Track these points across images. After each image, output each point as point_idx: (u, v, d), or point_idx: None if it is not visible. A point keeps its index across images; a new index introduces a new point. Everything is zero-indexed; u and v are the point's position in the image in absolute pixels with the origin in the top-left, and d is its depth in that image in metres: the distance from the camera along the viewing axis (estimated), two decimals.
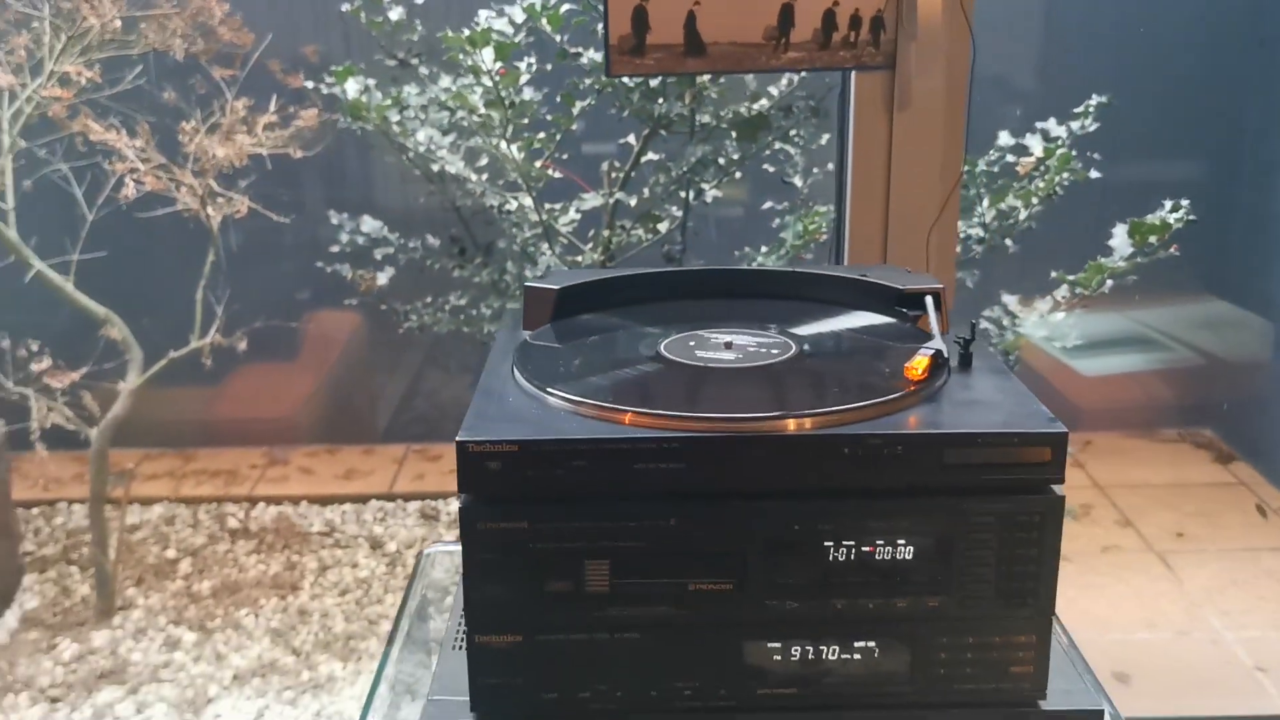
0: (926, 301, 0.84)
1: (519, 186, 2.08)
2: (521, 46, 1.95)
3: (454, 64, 2.03)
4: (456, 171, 2.10)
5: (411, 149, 2.11)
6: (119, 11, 1.98)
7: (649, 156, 2.11)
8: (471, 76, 1.99)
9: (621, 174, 2.10)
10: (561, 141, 2.08)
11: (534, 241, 2.17)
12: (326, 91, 2.14)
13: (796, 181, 2.13)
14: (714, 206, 2.21)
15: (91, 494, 2.19)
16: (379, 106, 2.07)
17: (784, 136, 2.07)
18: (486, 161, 2.13)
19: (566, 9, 1.93)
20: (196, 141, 2.03)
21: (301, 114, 2.10)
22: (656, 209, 2.15)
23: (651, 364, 0.78)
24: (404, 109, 2.09)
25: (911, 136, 1.29)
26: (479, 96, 1.99)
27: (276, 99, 2.11)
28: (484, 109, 1.97)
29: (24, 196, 2.10)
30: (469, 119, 2.04)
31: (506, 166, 2.06)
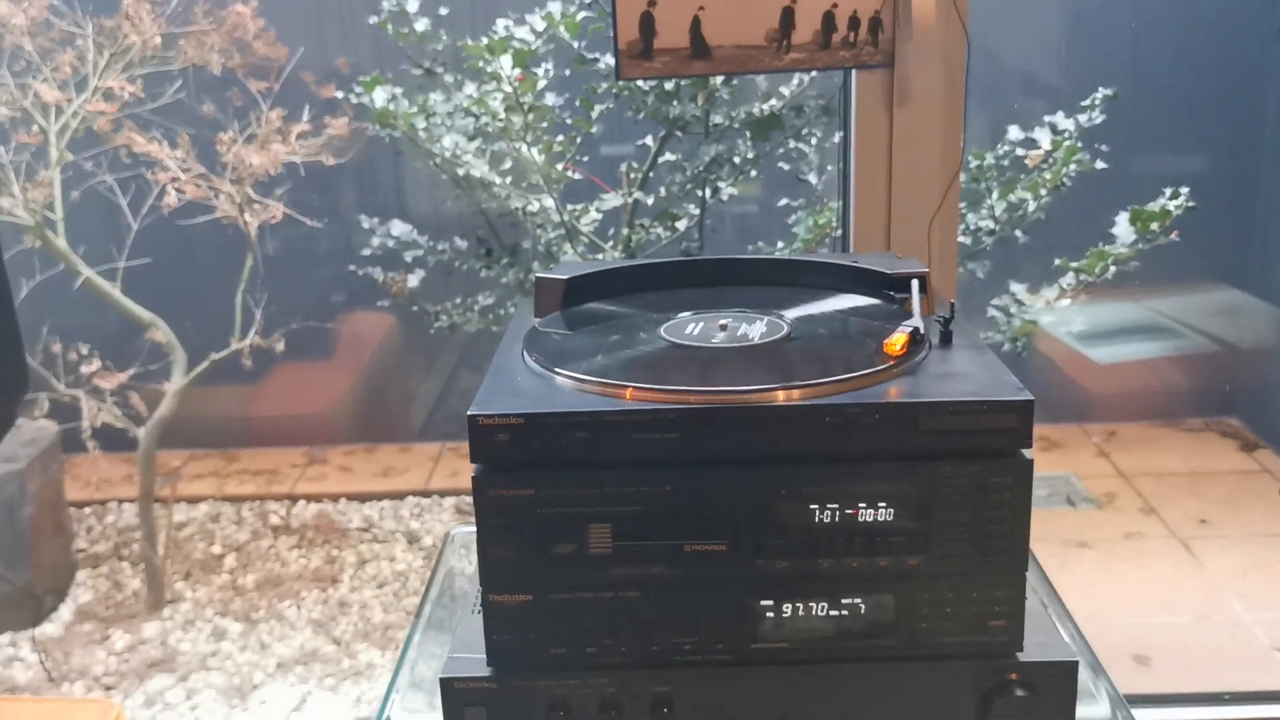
0: (911, 284, 0.89)
1: (542, 189, 2.15)
2: (539, 53, 2.01)
3: (477, 72, 2.10)
4: (481, 175, 2.16)
5: (438, 154, 2.18)
6: (159, 29, 2.07)
7: (666, 157, 2.16)
8: (493, 83, 2.06)
9: (640, 174, 2.16)
10: (581, 144, 2.14)
11: (558, 241, 2.23)
12: (356, 101, 2.21)
13: (811, 178, 2.18)
14: (730, 204, 2.26)
15: (141, 493, 2.27)
16: (406, 114, 2.14)
17: (797, 135, 2.11)
18: (510, 165, 2.19)
19: (582, 16, 1.98)
20: (234, 151, 2.10)
21: (333, 123, 2.17)
22: (674, 207, 2.20)
23: (651, 345, 0.84)
24: (430, 116, 2.16)
25: (911, 131, 1.34)
26: (499, 102, 2.05)
27: (309, 109, 2.19)
28: (504, 114, 2.03)
29: (72, 207, 2.18)
30: (492, 124, 2.10)
31: (529, 170, 2.12)
